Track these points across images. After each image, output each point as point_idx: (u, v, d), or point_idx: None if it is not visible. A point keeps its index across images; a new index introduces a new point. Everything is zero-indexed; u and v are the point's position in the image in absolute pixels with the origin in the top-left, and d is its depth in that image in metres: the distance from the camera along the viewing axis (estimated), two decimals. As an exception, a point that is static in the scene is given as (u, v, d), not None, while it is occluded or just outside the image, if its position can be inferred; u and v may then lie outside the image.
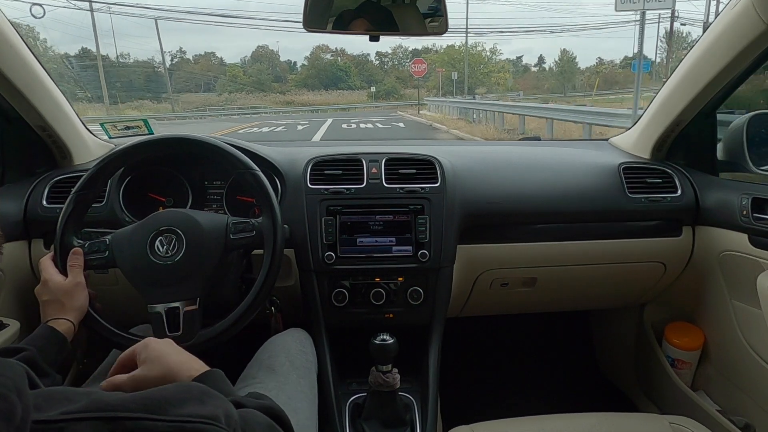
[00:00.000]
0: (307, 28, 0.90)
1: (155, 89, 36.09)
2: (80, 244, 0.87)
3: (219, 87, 43.09)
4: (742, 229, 1.10)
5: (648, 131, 1.31)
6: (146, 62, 42.52)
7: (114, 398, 0.35)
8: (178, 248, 0.85)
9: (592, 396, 1.66)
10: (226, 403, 0.40)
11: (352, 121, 18.38)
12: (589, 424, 0.89)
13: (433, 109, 21.16)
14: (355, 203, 1.10)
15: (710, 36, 1.02)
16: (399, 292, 1.12)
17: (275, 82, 46.35)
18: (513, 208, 1.18)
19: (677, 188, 1.23)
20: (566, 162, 1.30)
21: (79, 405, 0.34)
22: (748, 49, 0.95)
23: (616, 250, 1.23)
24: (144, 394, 0.37)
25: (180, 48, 55.02)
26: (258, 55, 50.75)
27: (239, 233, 0.88)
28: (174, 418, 0.35)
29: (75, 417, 0.33)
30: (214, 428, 0.36)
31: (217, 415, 0.37)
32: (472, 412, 1.11)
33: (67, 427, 0.32)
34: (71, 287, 0.80)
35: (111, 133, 1.35)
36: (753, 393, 1.16)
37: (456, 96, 26.03)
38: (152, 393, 0.37)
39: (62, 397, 0.35)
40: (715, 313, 1.26)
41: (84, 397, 0.35)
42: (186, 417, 0.35)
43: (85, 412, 0.33)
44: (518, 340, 1.83)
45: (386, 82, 45.59)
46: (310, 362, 0.96)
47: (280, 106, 35.24)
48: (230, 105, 34.93)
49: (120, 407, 0.34)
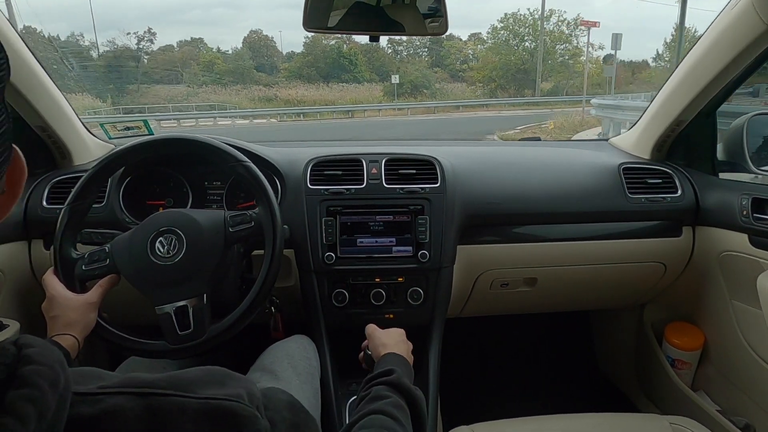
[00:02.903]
0: (307, 28, 0.89)
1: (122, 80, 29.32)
2: (79, 255, 0.87)
3: (187, 78, 32.42)
4: (742, 230, 1.10)
5: (648, 131, 1.31)
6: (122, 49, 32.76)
7: (146, 377, 0.38)
8: (179, 248, 0.84)
9: (592, 396, 1.66)
10: (249, 383, 0.42)
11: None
12: (589, 425, 0.89)
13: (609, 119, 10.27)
14: (355, 204, 1.10)
15: (710, 36, 1.02)
16: (399, 292, 1.12)
17: (262, 72, 33.09)
18: (513, 209, 1.18)
19: (677, 188, 1.23)
20: (566, 162, 1.30)
21: (115, 381, 0.37)
22: (748, 50, 0.95)
23: (616, 250, 1.23)
24: (172, 375, 0.39)
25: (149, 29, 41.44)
26: (251, 42, 37.16)
27: (238, 225, 0.88)
28: (200, 395, 0.37)
29: (112, 391, 0.35)
30: (237, 405, 0.38)
31: (239, 393, 0.39)
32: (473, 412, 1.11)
33: (105, 399, 0.34)
34: (81, 304, 0.80)
35: (111, 133, 1.35)
36: (753, 393, 1.16)
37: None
38: (179, 374, 0.40)
39: (96, 375, 0.38)
40: (715, 314, 1.26)
41: (115, 377, 0.38)
42: (211, 395, 0.38)
43: (121, 387, 0.36)
44: (518, 340, 1.83)
45: (411, 72, 30.81)
46: (314, 368, 0.95)
47: (255, 105, 26.24)
48: (189, 101, 25.77)
49: (152, 384, 0.37)
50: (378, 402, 0.62)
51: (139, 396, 0.35)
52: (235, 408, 0.37)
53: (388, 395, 0.63)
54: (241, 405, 0.38)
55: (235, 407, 0.37)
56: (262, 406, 0.41)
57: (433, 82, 30.36)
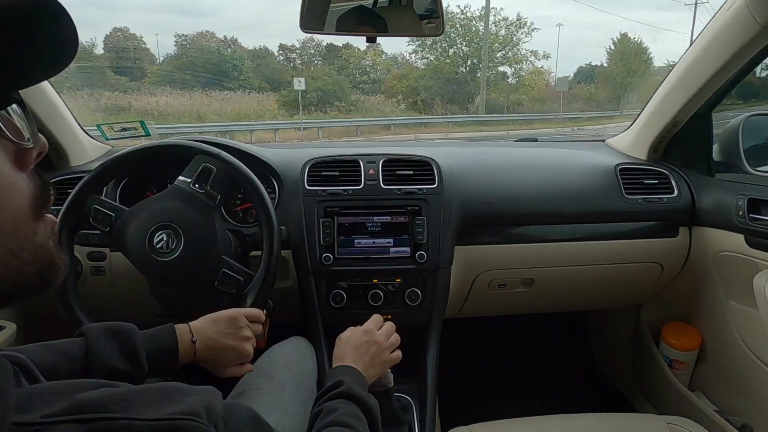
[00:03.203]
0: (304, 29, 0.90)
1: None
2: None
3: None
4: (738, 230, 1.10)
5: (644, 132, 1.31)
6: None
7: (93, 398, 0.35)
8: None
9: (590, 396, 1.66)
10: (210, 397, 0.40)
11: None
12: (587, 425, 0.89)
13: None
14: (353, 204, 1.10)
15: (705, 37, 1.03)
16: (397, 293, 1.12)
17: (123, 75, 23.07)
18: (510, 209, 1.19)
19: (674, 189, 1.24)
20: (563, 163, 1.30)
21: (60, 407, 0.34)
22: (743, 50, 0.95)
23: (612, 250, 1.24)
24: (123, 394, 0.37)
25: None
26: (115, 41, 25.66)
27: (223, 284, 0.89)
28: (153, 416, 0.35)
29: (54, 420, 0.33)
30: (193, 424, 0.36)
31: (196, 410, 0.37)
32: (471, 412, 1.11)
33: (46, 430, 0.32)
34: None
35: (108, 134, 1.34)
36: (750, 393, 1.16)
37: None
38: (130, 393, 0.37)
39: (50, 393, 0.35)
40: (712, 314, 1.26)
41: (67, 396, 0.35)
42: (164, 415, 0.35)
43: (64, 415, 0.33)
44: (516, 340, 1.83)
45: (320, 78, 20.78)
46: (310, 369, 0.95)
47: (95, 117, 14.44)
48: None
49: (99, 408, 0.34)
50: (332, 415, 0.60)
51: (84, 422, 0.33)
52: (188, 427, 0.35)
53: (340, 406, 0.62)
54: (195, 423, 0.36)
55: (188, 426, 0.35)
56: (221, 423, 0.39)
57: (348, 93, 21.30)
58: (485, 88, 18.89)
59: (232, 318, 0.76)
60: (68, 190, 0.89)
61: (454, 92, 21.57)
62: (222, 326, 0.74)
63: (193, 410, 0.36)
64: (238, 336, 0.74)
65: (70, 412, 0.33)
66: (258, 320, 0.80)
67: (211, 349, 0.72)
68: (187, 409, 0.36)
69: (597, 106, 22.74)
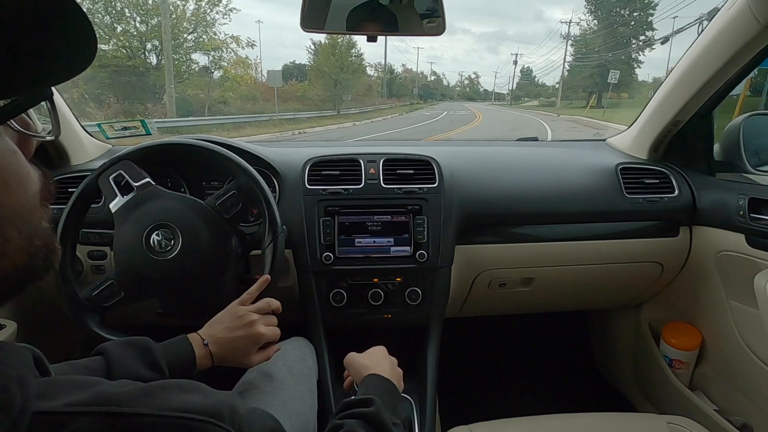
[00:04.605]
0: (304, 28, 0.90)
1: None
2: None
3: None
4: (738, 230, 1.10)
5: (645, 131, 1.31)
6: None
7: (117, 391, 0.35)
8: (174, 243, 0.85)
9: (590, 396, 1.66)
10: (233, 398, 0.40)
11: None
12: (587, 424, 0.89)
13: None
14: (353, 204, 1.10)
15: (707, 37, 1.02)
16: (397, 292, 1.12)
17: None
18: (510, 209, 1.18)
19: (674, 188, 1.24)
20: (563, 162, 1.30)
21: (83, 396, 0.33)
22: (744, 50, 0.95)
23: (613, 250, 1.24)
24: (146, 389, 0.36)
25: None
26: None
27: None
28: (176, 414, 0.34)
29: (77, 410, 0.32)
30: (215, 428, 0.35)
31: (220, 411, 0.36)
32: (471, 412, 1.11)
33: (68, 421, 0.31)
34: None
35: (108, 133, 1.34)
36: (751, 393, 1.16)
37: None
38: (153, 388, 0.37)
39: (68, 384, 0.34)
40: (712, 313, 1.26)
41: (87, 388, 0.34)
42: (189, 412, 0.35)
43: (88, 405, 0.33)
44: (516, 340, 1.83)
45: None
46: (310, 368, 0.95)
47: None
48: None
49: (122, 402, 0.34)
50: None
51: (106, 416, 0.32)
52: (208, 429, 0.35)
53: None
54: (219, 428, 0.35)
55: (208, 429, 0.35)
56: (246, 425, 0.39)
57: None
58: (172, 81, 13.76)
59: (231, 311, 0.78)
60: (69, 189, 0.89)
61: (134, 87, 15.95)
62: (225, 322, 0.76)
63: (216, 411, 0.36)
64: (244, 323, 0.76)
65: (95, 402, 0.33)
66: (266, 311, 0.81)
67: (224, 346, 0.74)
68: (210, 409, 0.36)
69: (314, 105, 21.39)
